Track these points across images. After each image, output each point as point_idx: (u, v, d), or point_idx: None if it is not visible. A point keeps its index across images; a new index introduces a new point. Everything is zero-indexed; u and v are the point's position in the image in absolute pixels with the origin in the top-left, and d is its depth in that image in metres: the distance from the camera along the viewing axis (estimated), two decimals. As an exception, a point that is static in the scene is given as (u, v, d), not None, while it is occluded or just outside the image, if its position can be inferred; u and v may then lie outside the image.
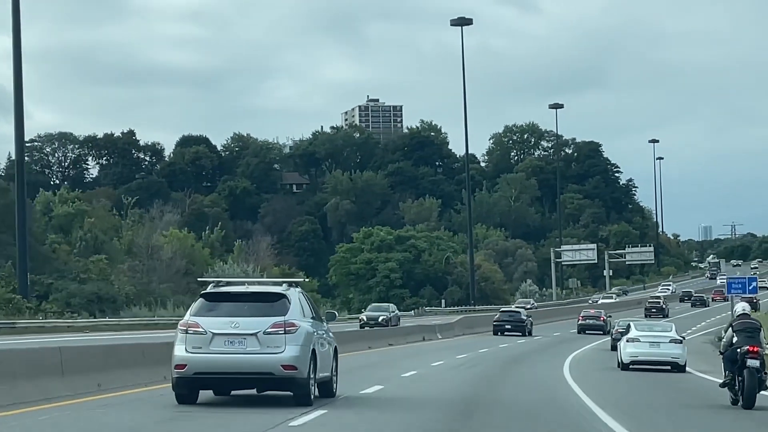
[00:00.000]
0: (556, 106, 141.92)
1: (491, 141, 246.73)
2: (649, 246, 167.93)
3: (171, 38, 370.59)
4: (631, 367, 41.28)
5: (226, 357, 20.74)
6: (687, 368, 41.87)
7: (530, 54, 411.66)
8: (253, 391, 22.09)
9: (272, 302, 21.34)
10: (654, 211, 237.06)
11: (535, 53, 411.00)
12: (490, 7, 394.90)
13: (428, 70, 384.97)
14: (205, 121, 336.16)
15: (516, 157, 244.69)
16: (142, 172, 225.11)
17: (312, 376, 21.52)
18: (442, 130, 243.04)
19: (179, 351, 20.98)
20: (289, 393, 21.53)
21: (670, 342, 41.59)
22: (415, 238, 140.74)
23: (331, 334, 24.07)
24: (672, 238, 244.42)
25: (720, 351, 26.25)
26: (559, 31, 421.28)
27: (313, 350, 21.52)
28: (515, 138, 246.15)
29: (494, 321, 78.71)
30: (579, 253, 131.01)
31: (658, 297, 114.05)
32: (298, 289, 22.54)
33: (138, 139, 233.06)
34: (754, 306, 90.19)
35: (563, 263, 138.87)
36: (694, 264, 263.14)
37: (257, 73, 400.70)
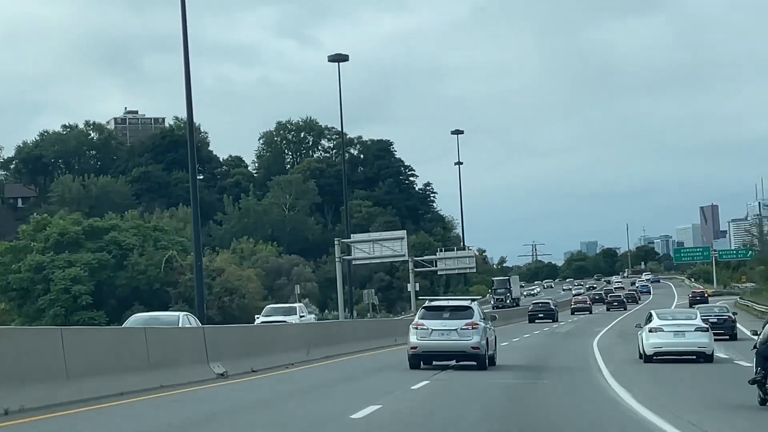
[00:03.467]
0: (338, 59, 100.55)
1: (261, 141, 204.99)
2: (470, 249, 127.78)
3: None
4: (654, 358, 39.22)
5: (440, 342, 36.16)
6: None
7: (311, 87, 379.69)
8: (452, 362, 37.65)
9: (464, 310, 36.85)
10: (455, 220, 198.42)
11: (314, 86, 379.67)
12: (270, 41, 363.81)
13: (207, 102, 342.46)
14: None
15: (292, 161, 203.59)
16: None
17: (486, 353, 36.54)
18: (202, 129, 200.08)
19: (413, 339, 36.46)
20: (474, 363, 36.49)
21: (695, 330, 39.72)
22: (118, 229, 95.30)
23: (493, 328, 39.05)
24: (478, 253, 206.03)
25: (754, 346, 24.05)
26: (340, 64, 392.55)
27: (487, 338, 36.72)
28: (290, 137, 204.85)
29: (529, 311, 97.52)
30: (380, 246, 78.94)
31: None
32: (476, 303, 38.54)
33: None
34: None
35: (356, 262, 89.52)
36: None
37: (25, 109, 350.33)
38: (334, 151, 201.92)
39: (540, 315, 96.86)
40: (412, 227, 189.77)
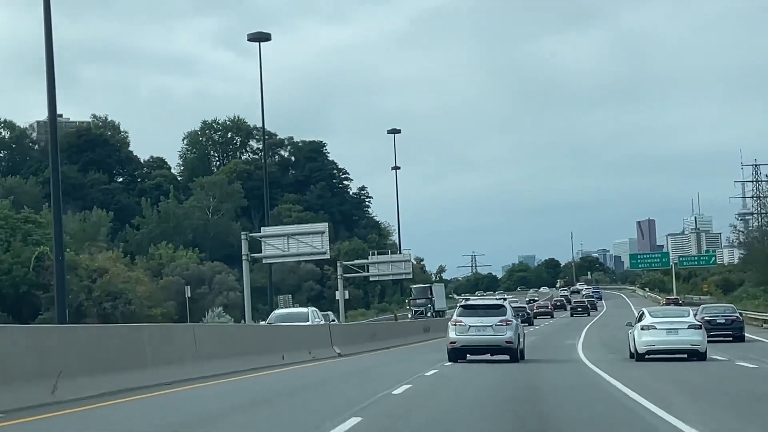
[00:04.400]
0: (260, 37, 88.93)
1: (185, 141, 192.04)
2: (405, 253, 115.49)
3: None
4: (647, 357, 38.43)
5: (476, 337, 38.79)
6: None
7: (248, 98, 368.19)
8: (487, 356, 39.68)
9: (498, 308, 39.65)
10: (392, 227, 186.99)
11: (252, 97, 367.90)
12: (208, 52, 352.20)
13: (145, 114, 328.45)
14: None
15: (218, 162, 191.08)
16: None
17: (518, 347, 39.40)
18: (122, 128, 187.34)
19: (452, 334, 39.17)
20: (507, 356, 39.12)
21: (688, 328, 38.97)
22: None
23: (522, 325, 42.92)
24: (416, 262, 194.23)
25: None
26: (277, 76, 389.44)
27: (518, 333, 39.51)
28: (216, 138, 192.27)
29: None
30: (297, 241, 60.76)
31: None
32: (508, 301, 42.66)
33: None
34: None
35: (268, 261, 75.36)
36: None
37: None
38: (263, 152, 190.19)
39: None
40: (346, 234, 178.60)
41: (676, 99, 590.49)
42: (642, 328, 38.85)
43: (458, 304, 41.90)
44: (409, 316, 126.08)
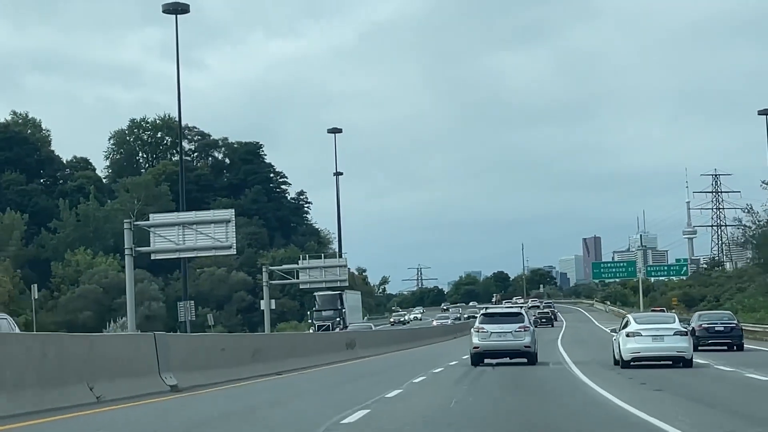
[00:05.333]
0: (176, 8, 77.35)
1: (111, 141, 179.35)
2: (341, 258, 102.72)
3: None
4: (632, 364, 37.56)
5: (497, 343, 41.23)
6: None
7: (193, 110, 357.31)
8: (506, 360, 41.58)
9: (516, 315, 42.59)
10: (332, 235, 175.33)
11: (198, 109, 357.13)
12: (153, 63, 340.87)
13: (90, 123, 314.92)
14: None
15: (147, 163, 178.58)
16: None
17: (535, 351, 42.00)
18: (44, 126, 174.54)
19: (475, 340, 41.53)
20: (525, 359, 41.36)
21: (674, 335, 38.10)
22: None
23: (536, 331, 44.64)
24: (358, 273, 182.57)
25: None
26: (223, 88, 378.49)
27: (534, 339, 42.16)
28: (145, 137, 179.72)
29: None
30: (195, 232, 52.73)
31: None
32: (524, 309, 48.17)
33: None
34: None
35: (159, 256, 62.73)
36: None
37: None
38: (196, 153, 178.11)
39: None
40: (282, 241, 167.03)
41: (622, 118, 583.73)
42: (627, 335, 38.00)
43: (479, 313, 45.25)
44: (311, 329, 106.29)
